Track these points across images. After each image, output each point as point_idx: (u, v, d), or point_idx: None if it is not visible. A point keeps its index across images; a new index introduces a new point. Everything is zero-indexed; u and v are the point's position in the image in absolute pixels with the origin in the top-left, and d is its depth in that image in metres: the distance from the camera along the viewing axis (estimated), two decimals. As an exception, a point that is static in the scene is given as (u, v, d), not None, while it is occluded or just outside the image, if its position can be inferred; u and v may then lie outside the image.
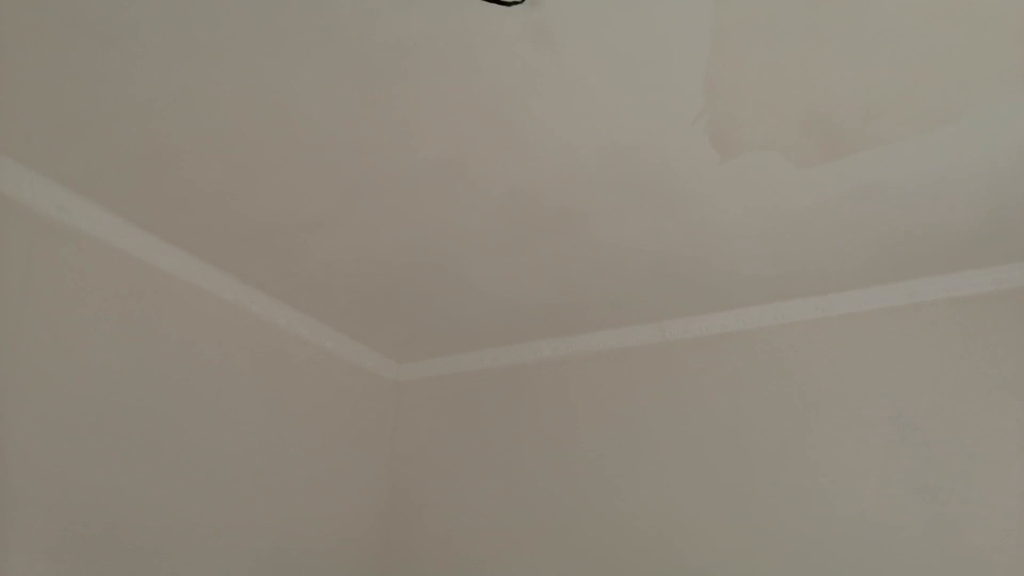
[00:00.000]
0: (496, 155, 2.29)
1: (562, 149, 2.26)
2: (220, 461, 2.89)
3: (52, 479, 2.34)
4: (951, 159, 2.26)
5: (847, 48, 1.86)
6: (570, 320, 3.36)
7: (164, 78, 2.00)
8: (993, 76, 1.94)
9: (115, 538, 2.49)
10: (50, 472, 2.34)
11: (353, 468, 3.56)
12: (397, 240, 2.75)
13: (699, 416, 3.17)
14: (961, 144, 2.19)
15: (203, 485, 2.81)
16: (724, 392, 3.14)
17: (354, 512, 3.51)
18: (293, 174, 2.39)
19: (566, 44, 1.86)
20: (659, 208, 2.53)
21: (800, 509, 2.86)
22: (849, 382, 2.95)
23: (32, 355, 2.35)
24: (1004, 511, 2.57)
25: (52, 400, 2.38)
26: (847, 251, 2.75)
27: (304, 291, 3.14)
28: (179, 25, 1.82)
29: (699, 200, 2.48)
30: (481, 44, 1.87)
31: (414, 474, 3.71)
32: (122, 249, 2.66)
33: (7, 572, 2.17)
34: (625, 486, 3.19)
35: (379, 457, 3.74)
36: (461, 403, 3.72)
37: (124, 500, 2.53)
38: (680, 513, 3.06)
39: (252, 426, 3.05)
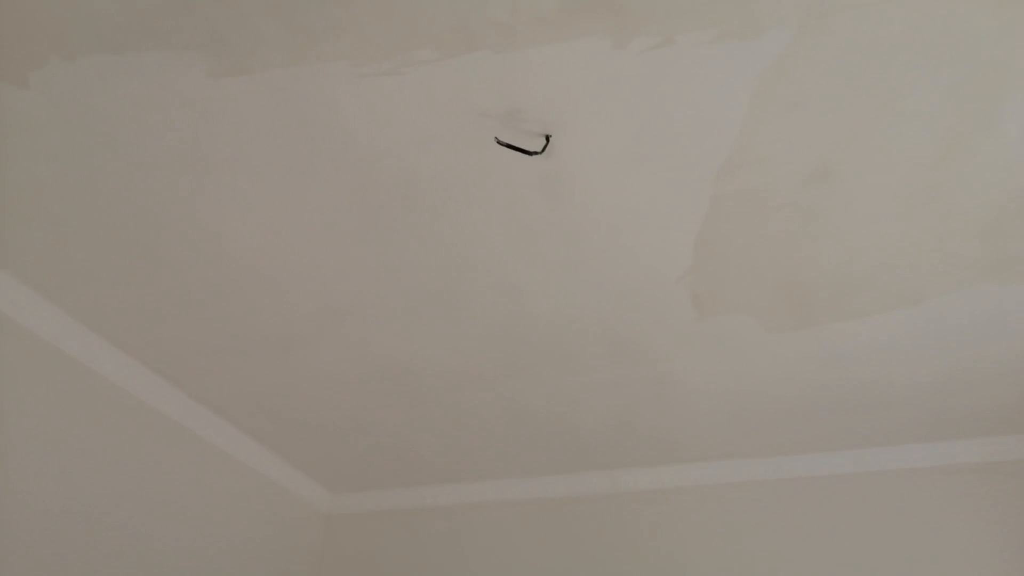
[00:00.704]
0: (488, 293, 2.29)
1: (547, 296, 2.28)
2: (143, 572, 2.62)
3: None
4: (909, 337, 2.37)
5: (834, 226, 1.98)
6: (520, 463, 3.28)
7: (163, 186, 1.95)
8: (957, 265, 2.09)
9: None
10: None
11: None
12: (369, 365, 2.67)
13: (645, 570, 3.07)
14: (920, 323, 2.32)
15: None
16: (672, 546, 3.08)
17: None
18: (275, 290, 2.32)
19: (572, 196, 1.92)
20: (627, 361, 2.56)
21: None
22: (794, 546, 2.94)
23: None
24: None
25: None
26: (803, 417, 2.81)
27: (251, 411, 2.98)
28: (178, 137, 1.80)
29: (668, 356, 2.52)
30: (493, 185, 1.90)
31: (338, 618, 3.44)
32: (65, 350, 2.49)
33: None
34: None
35: (302, 596, 3.47)
36: (397, 541, 3.52)
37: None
38: None
39: (178, 544, 2.80)
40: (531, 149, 1.71)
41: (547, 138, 1.74)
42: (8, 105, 1.73)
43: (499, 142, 1.67)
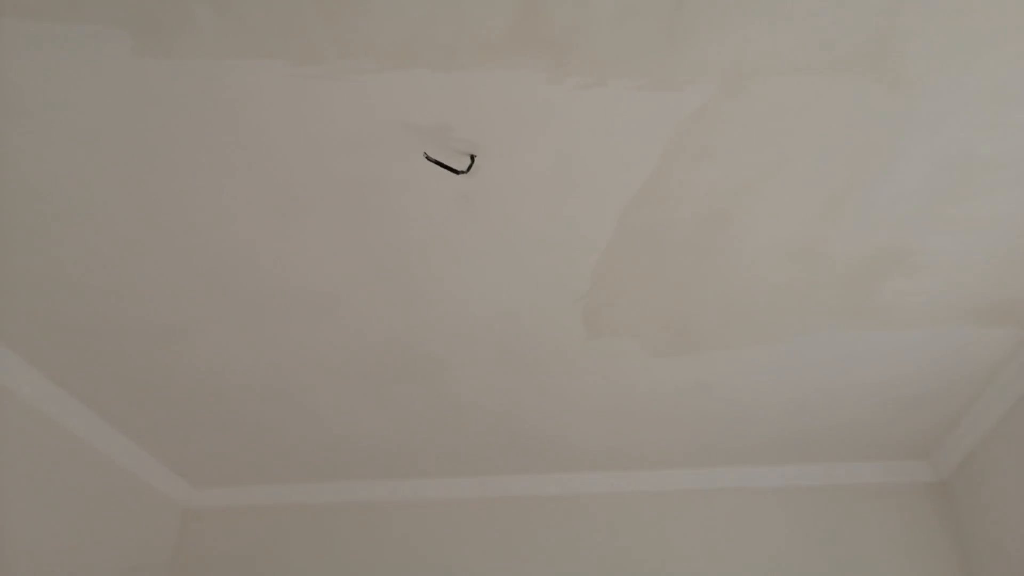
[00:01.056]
0: (382, 299, 2.31)
1: (448, 305, 2.33)
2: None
3: None
4: (774, 368, 2.61)
5: (722, 266, 2.15)
6: (396, 464, 3.29)
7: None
8: (822, 310, 2.32)
9: None
10: None
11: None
12: (249, 362, 2.61)
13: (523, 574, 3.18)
14: (784, 357, 2.55)
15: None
16: (550, 553, 3.20)
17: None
18: (164, 277, 2.23)
19: (487, 214, 1.98)
20: (519, 371, 2.65)
21: None
22: (668, 554, 3.14)
23: None
24: None
25: None
26: (678, 434, 3.01)
27: (113, 397, 2.82)
28: (92, 115, 1.72)
29: (559, 371, 2.64)
30: (409, 196, 1.93)
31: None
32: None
33: None
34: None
35: (153, 592, 3.31)
36: (258, 538, 3.43)
37: None
38: None
39: (16, 534, 2.61)
40: (457, 168, 1.76)
41: (472, 157, 1.79)
42: None
43: (428, 158, 1.71)
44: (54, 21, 1.52)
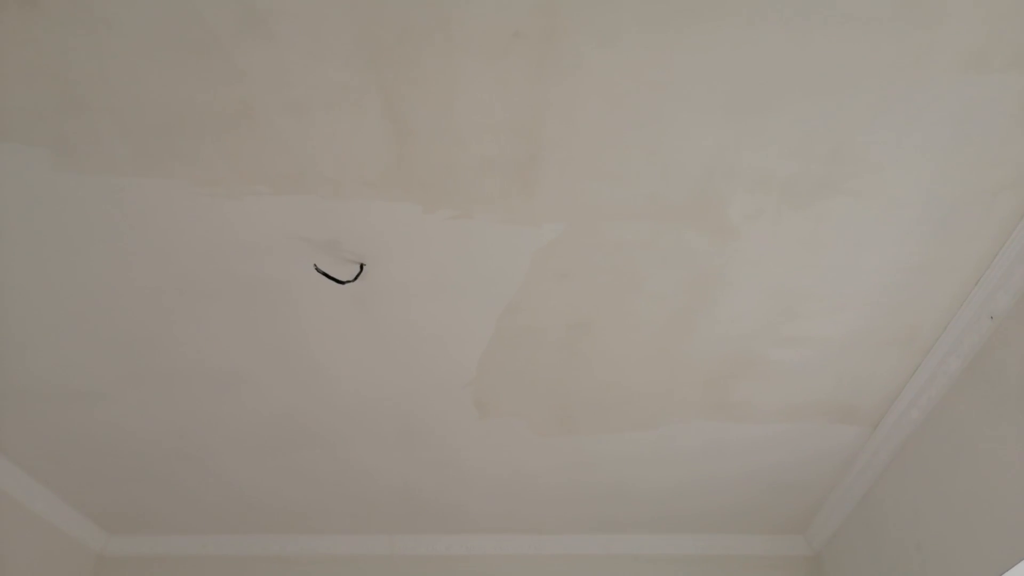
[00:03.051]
0: (280, 378, 2.51)
1: (343, 385, 2.54)
2: None
3: None
4: (649, 453, 2.86)
5: (591, 364, 2.40)
6: (304, 521, 3.45)
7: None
8: (684, 405, 2.59)
9: None
10: None
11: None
12: (160, 425, 2.77)
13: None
14: (656, 443, 2.80)
15: None
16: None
17: None
18: (82, 349, 2.40)
19: (380, 312, 2.21)
20: (416, 445, 2.86)
21: None
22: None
23: None
24: None
25: None
26: (563, 504, 3.24)
27: (31, 449, 2.96)
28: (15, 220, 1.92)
29: (451, 447, 2.85)
30: (304, 293, 2.15)
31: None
32: None
33: None
34: None
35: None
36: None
37: None
38: None
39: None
40: (343, 279, 1.99)
41: (361, 266, 2.02)
42: None
43: (317, 270, 1.94)
44: (-17, 141, 1.72)
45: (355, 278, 2.01)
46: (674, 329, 2.26)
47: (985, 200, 1.81)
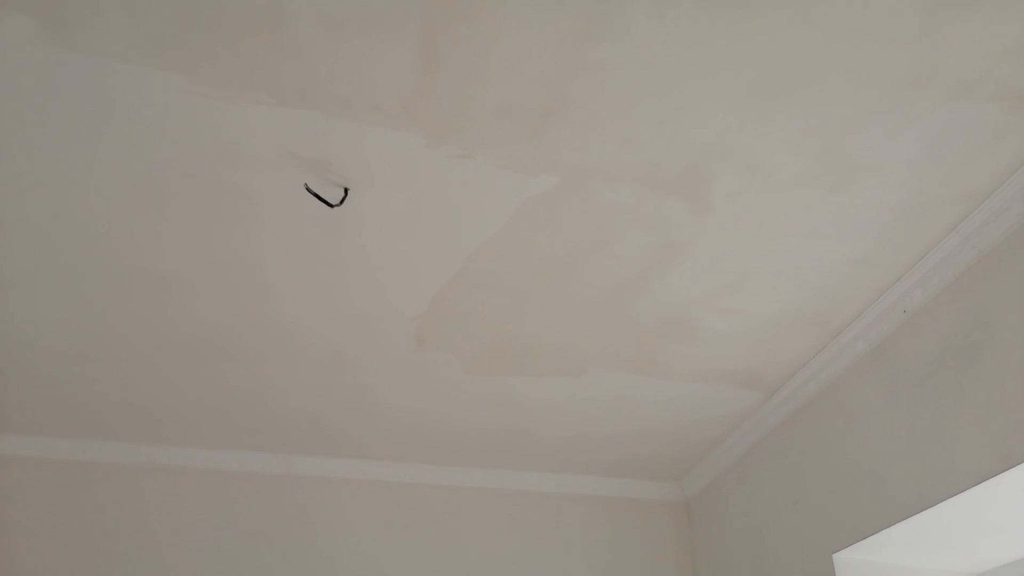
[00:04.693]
0: (217, 291, 2.42)
1: (285, 304, 2.48)
2: None
3: None
4: (564, 398, 3.02)
5: (540, 312, 2.50)
6: (203, 434, 3.36)
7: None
8: (614, 357, 2.75)
9: None
10: None
11: None
12: (68, 323, 2.57)
13: (304, 551, 3.39)
14: (575, 390, 2.97)
15: None
16: (342, 532, 3.44)
17: None
18: (29, 233, 2.20)
19: (347, 235, 2.18)
20: (340, 370, 2.85)
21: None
22: (452, 545, 3.49)
23: None
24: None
25: None
26: (472, 440, 3.36)
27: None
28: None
29: (377, 375, 2.88)
30: (276, 209, 2.09)
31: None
32: None
33: None
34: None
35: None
36: (56, 493, 3.36)
37: None
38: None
39: None
40: (332, 202, 1.95)
41: (346, 191, 1.99)
42: None
43: (308, 189, 1.89)
44: (-45, -4, 1.53)
45: (341, 202, 1.97)
46: (627, 290, 2.39)
47: (932, 211, 2.04)
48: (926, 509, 2.20)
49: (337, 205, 1.95)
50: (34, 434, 3.37)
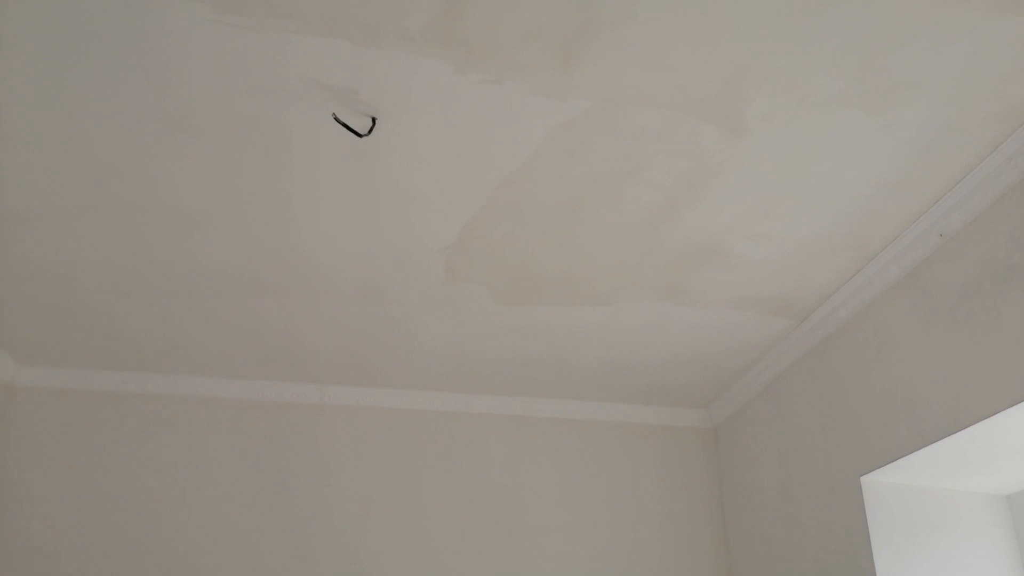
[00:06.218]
0: (249, 226, 2.44)
1: (317, 239, 2.50)
2: None
3: None
4: (594, 326, 3.04)
5: (569, 241, 2.50)
6: (236, 365, 3.44)
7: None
8: (644, 285, 2.75)
9: None
10: None
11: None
12: (101, 259, 2.61)
13: (331, 477, 3.50)
14: (605, 319, 2.98)
15: None
16: (380, 457, 3.54)
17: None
18: (32, 165, 2.21)
19: (377, 166, 2.17)
20: (370, 302, 2.88)
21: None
22: (478, 468, 3.58)
23: None
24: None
25: None
26: (498, 369, 3.41)
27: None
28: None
29: (408, 306, 2.91)
30: (303, 140, 2.08)
31: (9, 486, 3.35)
32: None
33: None
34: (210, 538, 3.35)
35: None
36: (91, 422, 3.47)
37: None
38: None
39: None
40: (361, 132, 1.94)
41: (373, 120, 1.97)
42: None
43: (336, 119, 1.87)
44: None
45: (369, 132, 1.96)
46: (658, 216, 2.37)
47: (971, 131, 1.99)
48: (956, 432, 2.21)
49: (365, 135, 1.94)
50: (70, 366, 3.47)
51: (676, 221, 2.39)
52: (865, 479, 2.62)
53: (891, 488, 2.65)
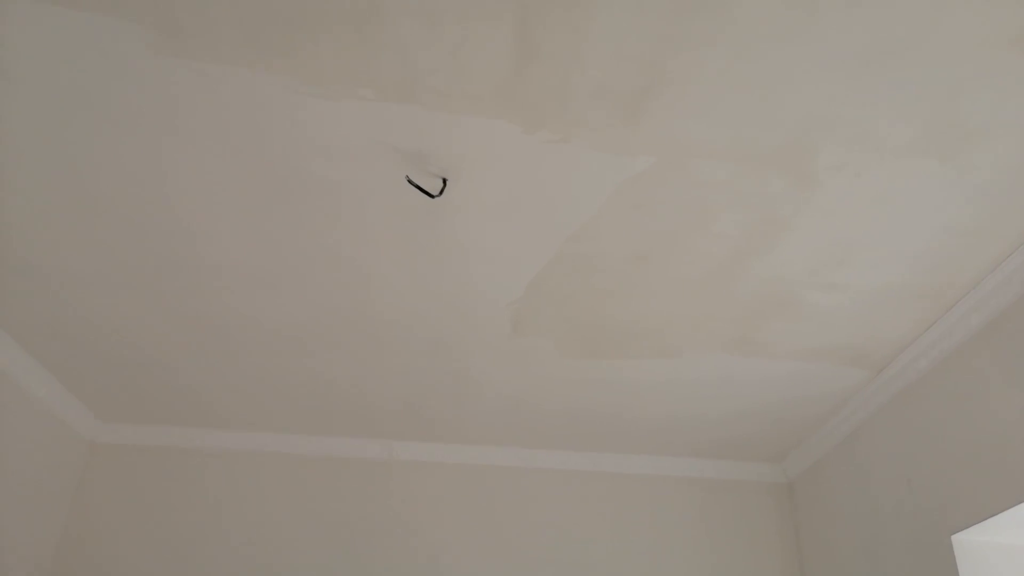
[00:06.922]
0: (321, 283, 2.52)
1: (384, 296, 2.57)
2: None
3: None
4: (663, 380, 3.00)
5: (638, 294, 2.49)
6: (304, 421, 3.50)
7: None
8: (712, 337, 2.72)
9: None
10: None
11: (22, 521, 3.19)
12: (174, 317, 2.72)
13: (399, 534, 3.49)
14: (674, 372, 2.95)
15: None
16: (444, 513, 3.54)
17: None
18: (104, 230, 2.33)
19: (446, 224, 2.22)
20: (438, 356, 2.92)
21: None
22: (548, 527, 3.54)
23: None
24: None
25: None
26: (569, 423, 3.39)
27: (36, 330, 2.89)
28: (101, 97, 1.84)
29: (475, 360, 2.93)
30: (374, 200, 2.15)
31: (90, 542, 3.44)
32: None
33: None
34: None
35: (55, 517, 3.41)
36: (163, 477, 3.57)
37: None
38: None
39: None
40: (433, 193, 1.99)
41: (444, 181, 2.03)
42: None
43: (409, 181, 1.94)
44: (74, 10, 1.64)
45: (440, 192, 2.02)
46: (727, 268, 2.36)
47: (1052, 175, 1.93)
48: (1054, 488, 2.10)
49: (437, 196, 1.99)
50: (147, 423, 3.58)
51: (745, 272, 2.37)
52: (956, 538, 2.49)
53: (985, 547, 2.51)
